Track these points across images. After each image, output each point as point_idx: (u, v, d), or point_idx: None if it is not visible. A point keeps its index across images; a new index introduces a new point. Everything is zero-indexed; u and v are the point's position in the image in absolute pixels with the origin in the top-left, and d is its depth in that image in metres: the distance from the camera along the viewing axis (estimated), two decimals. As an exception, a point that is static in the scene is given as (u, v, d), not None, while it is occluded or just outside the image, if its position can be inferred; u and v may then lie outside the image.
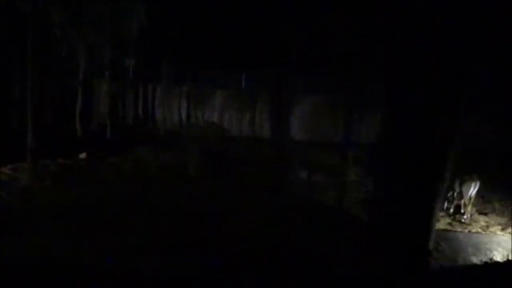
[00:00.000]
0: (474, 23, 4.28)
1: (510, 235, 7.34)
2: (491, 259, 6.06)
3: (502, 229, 7.62)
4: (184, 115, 14.57)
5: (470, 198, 7.83)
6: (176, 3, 12.67)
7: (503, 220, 7.96)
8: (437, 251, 7.02)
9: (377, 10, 5.52)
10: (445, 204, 8.19)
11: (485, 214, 8.16)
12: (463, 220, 7.84)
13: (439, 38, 4.59)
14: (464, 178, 7.84)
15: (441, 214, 8.19)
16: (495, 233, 7.49)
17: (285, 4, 9.11)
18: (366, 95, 9.75)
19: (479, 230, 7.59)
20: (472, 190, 7.78)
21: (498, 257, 6.56)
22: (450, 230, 7.53)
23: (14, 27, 10.73)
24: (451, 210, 8.14)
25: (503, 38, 4.90)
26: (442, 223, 7.78)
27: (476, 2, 4.25)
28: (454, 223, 7.85)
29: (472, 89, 4.89)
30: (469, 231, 7.57)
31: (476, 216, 8.08)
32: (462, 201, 7.97)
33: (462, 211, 7.95)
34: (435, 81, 4.61)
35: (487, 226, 7.72)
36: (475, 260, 6.57)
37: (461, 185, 7.85)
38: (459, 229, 7.60)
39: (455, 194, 8.05)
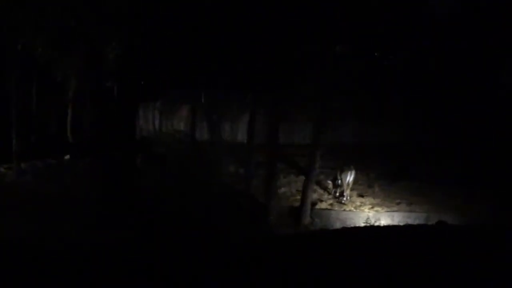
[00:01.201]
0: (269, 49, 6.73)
1: (374, 212, 9.63)
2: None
3: (371, 208, 9.86)
4: (157, 125, 17.22)
5: (348, 184, 10.11)
6: (149, 39, 15.44)
7: (376, 201, 10.21)
8: (311, 224, 9.39)
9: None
10: (333, 190, 10.50)
11: (363, 196, 10.41)
12: (343, 201, 10.11)
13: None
14: (343, 168, 10.15)
15: (329, 197, 10.53)
16: (363, 211, 9.73)
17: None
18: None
19: (352, 208, 9.85)
20: (349, 177, 10.06)
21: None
22: (327, 209, 9.83)
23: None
24: (337, 194, 10.40)
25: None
26: (325, 204, 10.10)
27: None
28: (335, 203, 10.13)
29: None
30: (344, 210, 9.84)
31: (354, 198, 10.33)
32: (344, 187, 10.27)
33: (343, 194, 10.23)
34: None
35: (360, 205, 9.97)
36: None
37: (341, 174, 10.15)
38: (336, 208, 9.88)
39: (339, 181, 10.33)
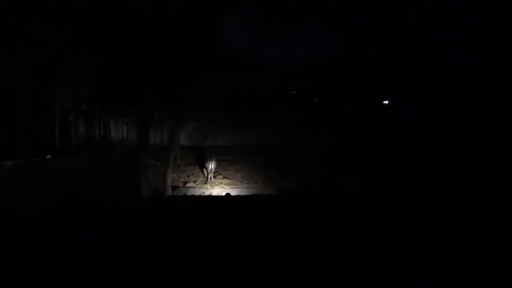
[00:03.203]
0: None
1: (221, 188, 14.39)
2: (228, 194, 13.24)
3: (225, 185, 14.62)
4: (125, 134, 22.89)
5: (210, 170, 14.95)
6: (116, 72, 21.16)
7: (232, 181, 14.93)
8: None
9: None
10: (206, 174, 15.36)
11: (228, 178, 15.15)
12: (207, 182, 14.93)
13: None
14: (207, 159, 15.03)
15: (202, 179, 15.41)
16: (214, 187, 14.50)
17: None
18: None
19: (208, 186, 14.64)
20: (211, 165, 14.90)
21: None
22: (188, 187, 14.66)
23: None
24: (208, 177, 15.24)
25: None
26: (195, 184, 14.97)
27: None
28: (201, 183, 14.97)
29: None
30: (200, 187, 14.64)
31: (220, 179, 15.09)
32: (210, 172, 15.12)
33: (208, 177, 15.07)
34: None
35: (218, 184, 14.74)
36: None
37: (206, 163, 15.03)
38: (195, 186, 14.72)
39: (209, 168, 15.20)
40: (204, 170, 15.36)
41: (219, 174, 15.60)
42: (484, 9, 18.18)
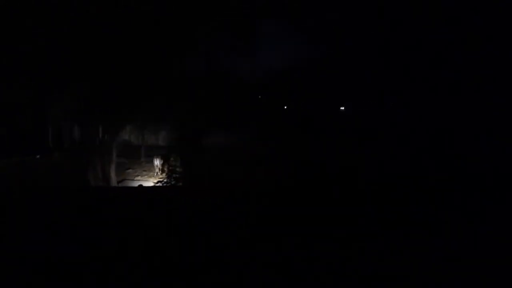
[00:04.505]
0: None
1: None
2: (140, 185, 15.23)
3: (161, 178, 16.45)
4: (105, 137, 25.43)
5: (157, 165, 16.87)
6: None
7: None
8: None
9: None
10: (156, 170, 17.29)
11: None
12: (155, 175, 16.84)
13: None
14: (154, 156, 16.98)
15: (152, 173, 17.36)
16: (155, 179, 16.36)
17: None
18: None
19: (151, 179, 16.52)
20: (157, 162, 16.83)
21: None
22: (134, 180, 16.62)
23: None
24: (156, 172, 17.15)
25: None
26: (142, 178, 16.93)
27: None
28: (149, 177, 16.90)
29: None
30: (142, 180, 16.53)
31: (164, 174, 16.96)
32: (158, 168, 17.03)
33: (156, 172, 16.98)
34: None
35: (158, 177, 16.61)
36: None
37: (154, 160, 16.98)
38: (143, 180, 16.64)
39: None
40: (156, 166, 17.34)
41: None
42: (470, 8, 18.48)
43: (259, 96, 23.89)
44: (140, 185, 14.11)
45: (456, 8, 16.77)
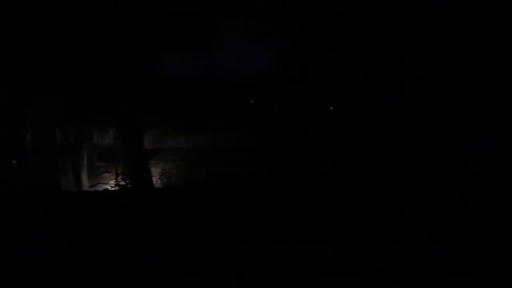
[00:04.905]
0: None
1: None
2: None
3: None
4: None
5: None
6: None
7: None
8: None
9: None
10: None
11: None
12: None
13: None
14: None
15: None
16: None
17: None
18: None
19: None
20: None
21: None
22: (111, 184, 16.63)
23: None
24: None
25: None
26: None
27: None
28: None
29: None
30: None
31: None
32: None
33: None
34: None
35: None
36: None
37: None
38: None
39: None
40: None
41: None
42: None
43: (250, 98, 23.87)
44: (106, 189, 14.26)
45: (456, 8, 16.75)
